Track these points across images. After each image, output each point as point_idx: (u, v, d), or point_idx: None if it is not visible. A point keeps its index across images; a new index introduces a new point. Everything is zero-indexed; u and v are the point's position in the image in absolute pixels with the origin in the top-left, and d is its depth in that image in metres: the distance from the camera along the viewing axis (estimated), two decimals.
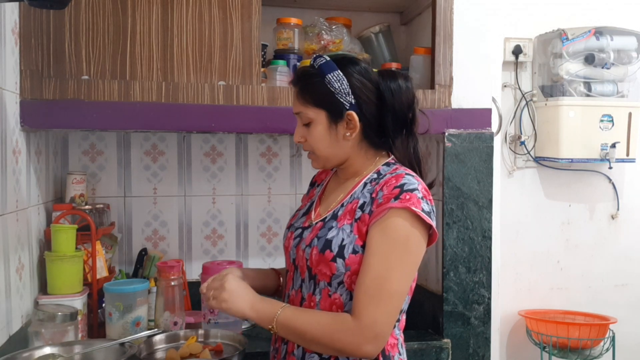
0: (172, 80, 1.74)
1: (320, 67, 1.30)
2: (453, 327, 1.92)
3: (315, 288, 1.29)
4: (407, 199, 1.20)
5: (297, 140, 1.35)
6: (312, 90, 1.30)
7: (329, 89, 1.28)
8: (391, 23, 2.33)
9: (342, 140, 1.31)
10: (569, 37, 2.51)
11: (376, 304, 1.18)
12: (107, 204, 2.08)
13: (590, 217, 2.78)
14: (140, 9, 1.72)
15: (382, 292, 1.19)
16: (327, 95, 1.28)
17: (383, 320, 1.19)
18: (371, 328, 1.18)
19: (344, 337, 1.19)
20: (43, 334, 1.45)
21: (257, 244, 2.34)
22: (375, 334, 1.18)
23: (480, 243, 1.94)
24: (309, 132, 1.32)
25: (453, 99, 1.93)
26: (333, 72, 1.28)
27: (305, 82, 1.32)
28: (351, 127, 1.30)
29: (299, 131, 1.35)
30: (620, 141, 2.56)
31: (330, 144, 1.31)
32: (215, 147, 2.29)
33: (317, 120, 1.30)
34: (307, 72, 1.32)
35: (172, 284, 1.75)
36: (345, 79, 1.28)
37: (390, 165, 1.34)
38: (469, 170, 1.93)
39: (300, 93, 1.32)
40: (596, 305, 2.73)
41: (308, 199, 1.49)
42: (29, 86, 1.65)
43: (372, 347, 1.19)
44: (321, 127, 1.30)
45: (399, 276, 1.21)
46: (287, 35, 2.02)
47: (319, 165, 1.38)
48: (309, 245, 1.30)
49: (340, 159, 1.34)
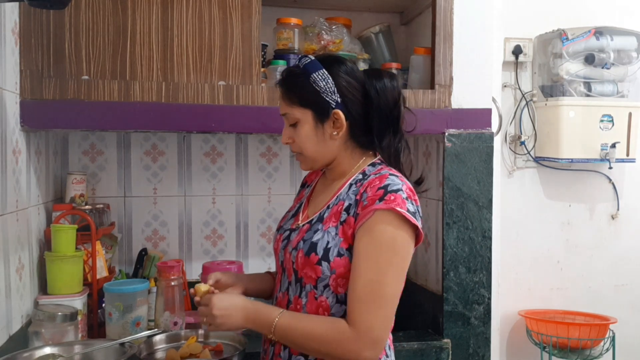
0: (172, 80, 1.74)
1: (305, 66, 1.29)
2: (453, 327, 1.92)
3: (302, 291, 1.28)
4: (391, 199, 1.19)
5: (285, 142, 1.35)
6: (298, 90, 1.30)
7: (314, 88, 1.28)
8: (391, 23, 2.33)
9: (329, 140, 1.31)
10: (569, 37, 2.51)
11: (371, 310, 1.18)
12: (107, 204, 2.08)
13: (590, 217, 2.78)
14: (140, 9, 1.72)
15: (376, 298, 1.18)
16: (312, 95, 1.28)
17: (379, 326, 1.19)
18: (369, 335, 1.18)
19: (343, 345, 1.18)
20: (43, 334, 1.45)
21: (257, 244, 2.34)
22: (373, 340, 1.18)
23: (480, 243, 1.94)
24: (296, 133, 1.32)
25: (453, 99, 1.93)
26: (318, 71, 1.28)
27: (291, 82, 1.31)
28: (338, 126, 1.30)
29: (286, 132, 1.34)
30: (620, 141, 2.56)
31: (317, 143, 1.31)
32: (215, 147, 2.29)
33: (304, 120, 1.30)
34: (292, 72, 1.32)
35: (172, 284, 1.75)
36: (331, 77, 1.28)
37: (376, 165, 1.33)
38: (469, 170, 1.93)
39: (285, 93, 1.32)
40: (596, 306, 2.73)
41: (297, 201, 1.49)
42: (29, 86, 1.65)
43: (371, 352, 1.19)
44: (308, 126, 1.30)
45: (391, 280, 1.20)
46: (287, 35, 2.02)
47: (307, 166, 1.37)
48: (295, 248, 1.29)
49: (327, 159, 1.34)
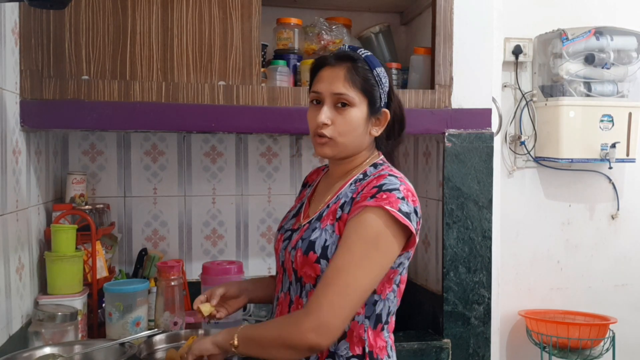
0: (172, 80, 1.74)
1: (367, 58, 1.29)
2: (453, 327, 1.92)
3: (302, 290, 1.28)
4: (383, 198, 1.19)
5: (324, 122, 1.26)
6: (362, 76, 1.28)
7: (376, 82, 1.29)
8: (391, 23, 2.32)
9: (367, 134, 1.31)
10: (569, 37, 2.51)
11: (327, 294, 1.14)
12: (107, 204, 2.08)
13: (590, 217, 2.79)
14: (140, 9, 1.72)
15: (337, 283, 1.15)
16: (373, 87, 1.29)
17: (329, 309, 1.13)
18: (315, 315, 1.13)
19: (289, 328, 1.15)
20: (43, 334, 1.45)
21: (257, 244, 2.34)
22: (319, 322, 1.12)
23: (480, 243, 1.94)
24: (343, 116, 1.26)
25: (453, 99, 1.93)
26: (380, 68, 1.30)
27: (355, 66, 1.28)
28: (380, 125, 1.32)
29: (327, 113, 1.26)
30: (620, 141, 2.56)
31: (359, 132, 1.29)
32: (215, 147, 2.29)
33: (357, 106, 1.27)
34: (355, 57, 1.29)
35: (172, 284, 1.75)
36: (387, 77, 1.31)
37: (378, 166, 1.33)
38: (469, 170, 1.93)
39: (349, 74, 1.26)
40: (596, 305, 2.73)
41: (299, 201, 1.49)
42: (29, 86, 1.65)
43: (314, 335, 1.12)
44: (360, 114, 1.27)
45: (362, 272, 1.16)
46: (287, 35, 2.02)
47: (331, 152, 1.29)
48: (294, 248, 1.29)
49: (354, 150, 1.32)
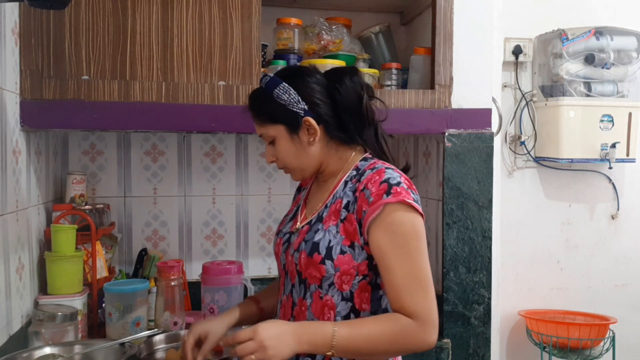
0: (172, 80, 1.74)
1: (266, 85, 1.33)
2: (453, 327, 1.92)
3: (306, 292, 1.30)
4: (398, 192, 1.22)
5: (270, 161, 1.38)
6: (265, 109, 1.33)
7: (279, 103, 1.31)
8: (391, 23, 2.32)
9: (308, 147, 1.33)
10: (569, 37, 2.51)
11: (422, 297, 1.21)
12: (107, 204, 2.08)
13: (590, 217, 2.79)
14: (140, 9, 1.72)
15: (421, 285, 1.21)
16: (279, 109, 1.31)
17: (434, 308, 1.22)
18: (430, 320, 1.21)
19: (412, 337, 1.21)
20: (43, 334, 1.45)
21: (257, 244, 2.34)
22: (434, 323, 1.22)
23: (480, 243, 1.94)
24: (277, 150, 1.34)
25: (453, 99, 1.93)
26: (279, 86, 1.31)
27: (257, 104, 1.35)
28: (312, 132, 1.32)
29: (268, 151, 1.38)
30: (620, 141, 2.56)
31: (298, 154, 1.33)
32: (215, 147, 2.29)
33: (279, 135, 1.33)
34: (256, 94, 1.36)
35: (172, 284, 1.75)
36: (292, 88, 1.30)
37: (368, 160, 1.34)
38: (469, 170, 1.93)
39: (255, 115, 1.35)
40: (596, 305, 2.73)
41: (294, 204, 1.51)
42: (29, 86, 1.65)
43: (435, 336, 1.22)
44: (284, 140, 1.33)
45: (424, 264, 1.23)
46: (287, 35, 2.02)
47: (297, 177, 1.39)
48: (297, 250, 1.30)
49: (314, 165, 1.35)
